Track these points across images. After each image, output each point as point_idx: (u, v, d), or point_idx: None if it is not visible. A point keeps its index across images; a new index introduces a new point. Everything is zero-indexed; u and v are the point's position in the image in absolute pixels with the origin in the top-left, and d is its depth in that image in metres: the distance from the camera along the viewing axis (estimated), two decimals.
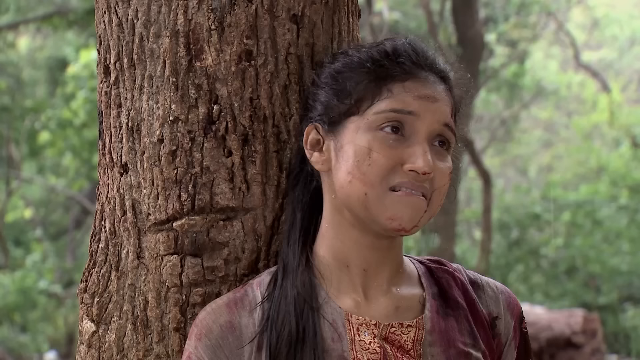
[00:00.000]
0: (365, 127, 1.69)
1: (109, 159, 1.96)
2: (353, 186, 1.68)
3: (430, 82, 1.72)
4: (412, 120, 1.68)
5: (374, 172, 1.67)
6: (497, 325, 1.80)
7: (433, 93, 1.71)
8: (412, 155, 1.67)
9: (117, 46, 1.94)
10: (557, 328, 9.53)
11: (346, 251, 1.74)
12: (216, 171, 1.86)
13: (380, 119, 1.68)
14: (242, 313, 1.72)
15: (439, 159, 1.70)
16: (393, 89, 1.69)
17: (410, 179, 1.67)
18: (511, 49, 17.27)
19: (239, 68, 1.86)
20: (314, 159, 1.76)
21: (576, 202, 16.44)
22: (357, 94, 1.71)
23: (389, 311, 1.74)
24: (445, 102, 1.72)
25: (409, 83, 1.70)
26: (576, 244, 16.03)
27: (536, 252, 16.44)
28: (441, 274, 1.81)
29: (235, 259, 1.85)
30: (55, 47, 17.02)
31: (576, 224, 16.28)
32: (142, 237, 1.90)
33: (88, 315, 1.95)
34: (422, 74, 1.72)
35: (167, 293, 1.86)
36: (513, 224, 16.60)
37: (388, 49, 1.74)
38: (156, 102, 1.88)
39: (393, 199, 1.67)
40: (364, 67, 1.73)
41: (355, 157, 1.68)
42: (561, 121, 21.76)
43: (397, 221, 1.67)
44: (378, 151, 1.67)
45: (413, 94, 1.69)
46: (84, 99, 12.64)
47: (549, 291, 15.81)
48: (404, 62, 1.71)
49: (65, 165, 15.19)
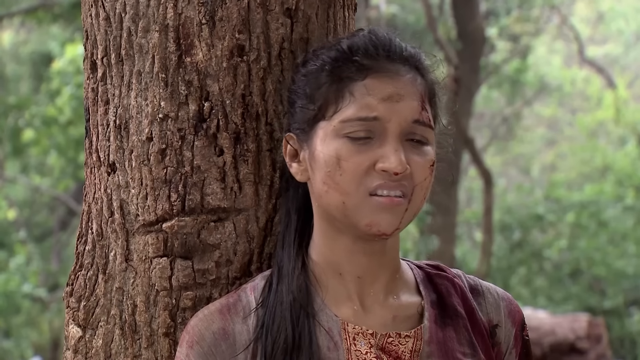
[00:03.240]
0: (332, 134, 1.69)
1: (96, 158, 1.96)
2: (330, 196, 1.69)
3: (393, 75, 1.70)
4: (379, 124, 1.68)
5: (347, 180, 1.67)
6: (497, 334, 1.81)
7: (397, 89, 1.69)
8: (383, 155, 1.67)
9: (104, 41, 1.94)
10: (560, 333, 9.54)
11: (337, 259, 1.75)
12: (207, 170, 1.86)
13: (347, 128, 1.68)
14: (235, 319, 1.72)
15: (416, 154, 1.70)
16: (354, 91, 1.69)
17: (386, 180, 1.67)
18: (513, 43, 17.29)
19: (230, 64, 1.87)
20: (294, 170, 1.77)
21: (580, 203, 16.47)
22: (321, 99, 1.72)
23: (386, 320, 1.74)
24: (412, 96, 1.70)
25: (370, 81, 1.69)
26: (580, 246, 16.05)
27: (539, 254, 16.46)
28: (440, 280, 1.81)
29: (227, 261, 1.85)
30: (39, 42, 17.01)
31: (580, 225, 16.30)
32: (130, 238, 1.90)
33: (74, 319, 1.95)
34: (384, 67, 1.70)
35: (156, 297, 1.87)
36: (515, 225, 16.61)
37: (344, 48, 1.73)
38: (145, 99, 1.88)
39: (372, 205, 1.67)
40: (324, 69, 1.73)
41: (327, 167, 1.69)
42: (565, 118, 21.79)
43: (375, 227, 1.68)
44: (347, 159, 1.67)
45: (376, 96, 1.68)
46: (69, 96, 12.62)
47: (552, 295, 15.84)
48: (360, 60, 1.70)
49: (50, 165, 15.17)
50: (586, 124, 19.58)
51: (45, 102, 13.88)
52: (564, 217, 16.53)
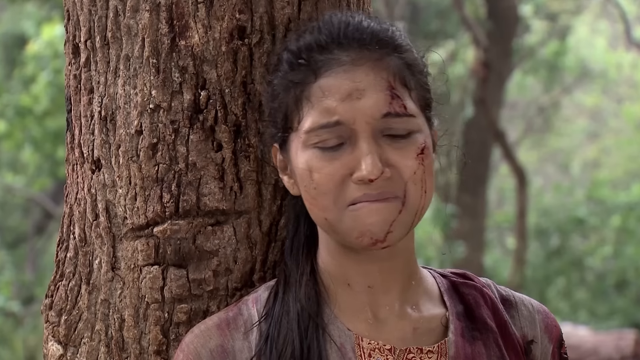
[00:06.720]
0: (301, 145, 1.70)
1: (78, 154, 1.97)
2: (313, 213, 1.72)
3: (348, 67, 1.68)
4: (344, 128, 1.67)
5: (320, 194, 1.68)
6: (532, 350, 1.82)
7: (355, 83, 1.68)
8: (356, 161, 1.67)
9: (88, 22, 1.95)
10: (604, 352, 9.53)
11: (343, 269, 1.76)
12: (204, 168, 1.87)
13: (312, 138, 1.69)
14: (235, 335, 1.73)
15: (396, 148, 1.68)
16: (311, 96, 1.69)
17: (365, 191, 1.67)
18: (551, 23, 17.26)
19: (230, 47, 1.88)
20: (286, 184, 1.79)
21: (627, 204, 16.43)
22: (283, 108, 1.74)
23: (405, 334, 1.75)
24: (376, 86, 1.68)
25: (324, 81, 1.69)
26: (627, 253, 16.01)
27: (580, 263, 16.43)
28: (467, 290, 1.82)
29: (226, 270, 1.87)
30: (12, 21, 17.03)
31: (627, 229, 16.26)
32: (117, 244, 1.91)
33: (54, 336, 1.96)
34: (338, 59, 1.69)
35: (146, 310, 1.88)
36: (553, 229, 16.58)
37: (292, 48, 1.74)
38: (134, 87, 1.90)
39: (354, 216, 1.67)
40: (279, 76, 1.75)
41: (302, 181, 1.71)
42: (610, 108, 21.75)
43: (367, 236, 1.67)
44: (318, 171, 1.68)
45: (333, 96, 1.67)
46: (46, 83, 12.64)
47: (595, 309, 15.80)
48: (310, 57, 1.70)
49: (25, 161, 15.20)
50: (634, 115, 19.53)
51: (18, 89, 13.89)
52: (608, 221, 16.49)
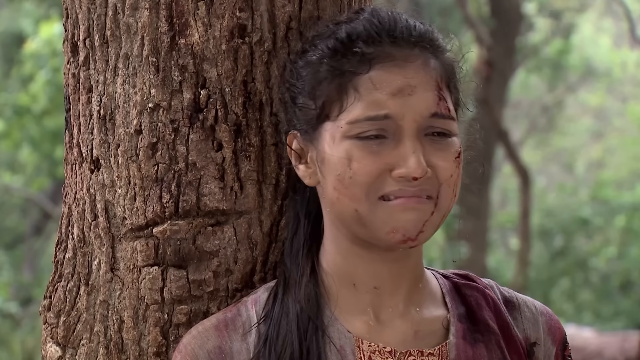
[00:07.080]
0: (340, 135, 1.70)
1: (77, 154, 1.98)
2: (342, 204, 1.71)
3: (401, 63, 1.70)
4: (391, 122, 1.68)
5: (357, 184, 1.68)
6: (535, 353, 1.82)
7: (408, 80, 1.69)
8: (399, 158, 1.67)
9: (87, 20, 1.96)
10: (609, 354, 9.53)
11: (351, 269, 1.76)
12: (204, 168, 1.87)
13: (356, 129, 1.69)
14: (233, 337, 1.73)
15: (437, 149, 1.70)
16: (359, 86, 1.69)
17: (402, 187, 1.68)
18: (554, 21, 17.25)
19: (230, 46, 1.88)
20: (301, 173, 1.78)
21: (632, 204, 16.42)
22: (323, 96, 1.73)
23: (406, 336, 1.75)
24: (426, 85, 1.70)
25: (375, 73, 1.69)
26: (632, 254, 16.01)
27: (584, 263, 16.43)
28: (469, 291, 1.82)
29: (227, 271, 1.87)
30: (10, 19, 17.04)
31: (632, 230, 16.25)
32: (116, 245, 1.91)
33: (53, 337, 1.96)
34: (391, 54, 1.70)
35: (145, 311, 1.88)
36: (557, 230, 16.58)
37: (342, 36, 1.74)
38: (133, 86, 1.90)
39: (389, 210, 1.68)
40: (323, 62, 1.74)
41: (336, 170, 1.70)
42: (614, 108, 21.74)
43: (399, 233, 1.68)
44: (359, 160, 1.68)
45: (385, 90, 1.68)
46: (45, 82, 12.63)
47: (599, 310, 15.80)
48: (362, 49, 1.71)
49: (23, 161, 15.20)
50: (639, 114, 19.52)
51: (16, 88, 13.90)
52: (613, 221, 16.48)
